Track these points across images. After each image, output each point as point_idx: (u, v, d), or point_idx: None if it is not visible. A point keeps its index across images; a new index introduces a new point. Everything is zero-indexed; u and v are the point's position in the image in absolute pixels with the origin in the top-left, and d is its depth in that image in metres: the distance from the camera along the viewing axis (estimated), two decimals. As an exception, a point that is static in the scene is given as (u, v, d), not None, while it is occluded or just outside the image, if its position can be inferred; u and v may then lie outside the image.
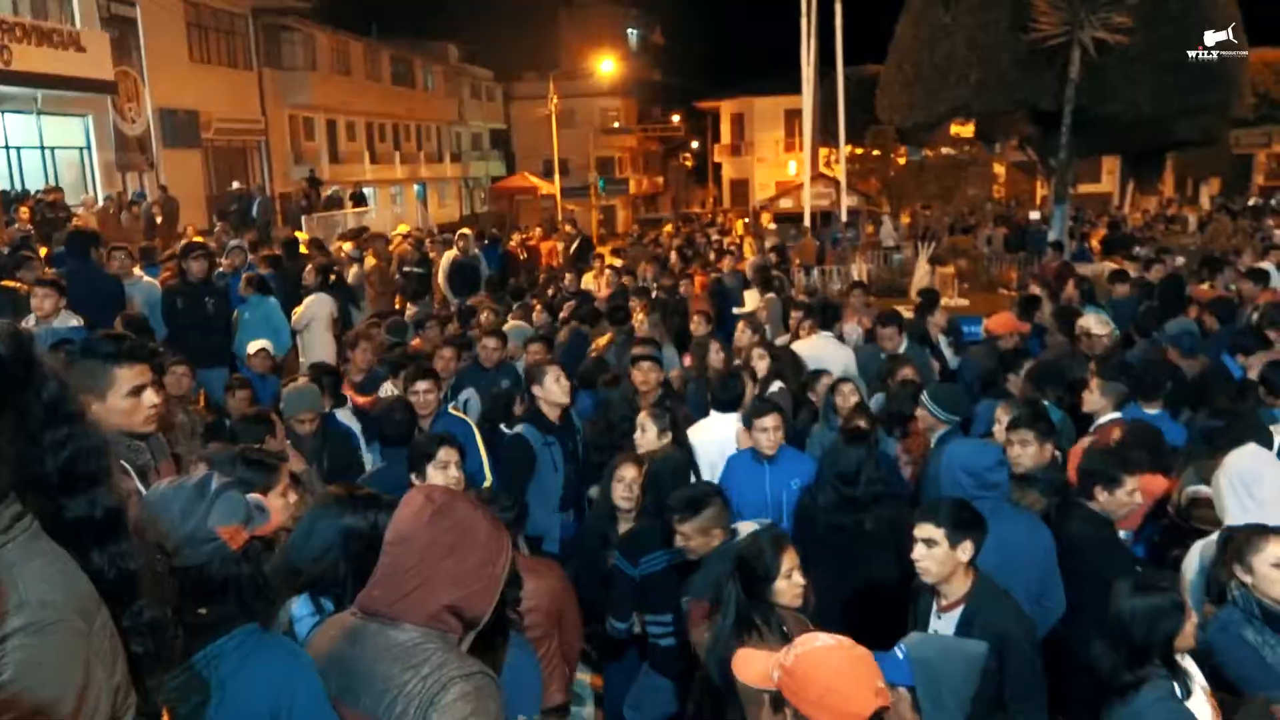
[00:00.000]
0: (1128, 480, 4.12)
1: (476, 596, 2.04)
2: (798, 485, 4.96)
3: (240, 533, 2.07)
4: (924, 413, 5.43)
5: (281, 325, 9.49)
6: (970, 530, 3.44)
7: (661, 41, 66.06)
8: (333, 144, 35.44)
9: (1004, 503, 4.11)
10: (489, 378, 7.42)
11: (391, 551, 2.04)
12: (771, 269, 13.12)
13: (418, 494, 2.12)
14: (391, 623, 2.00)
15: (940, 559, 3.44)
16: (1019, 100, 17.52)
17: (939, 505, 3.59)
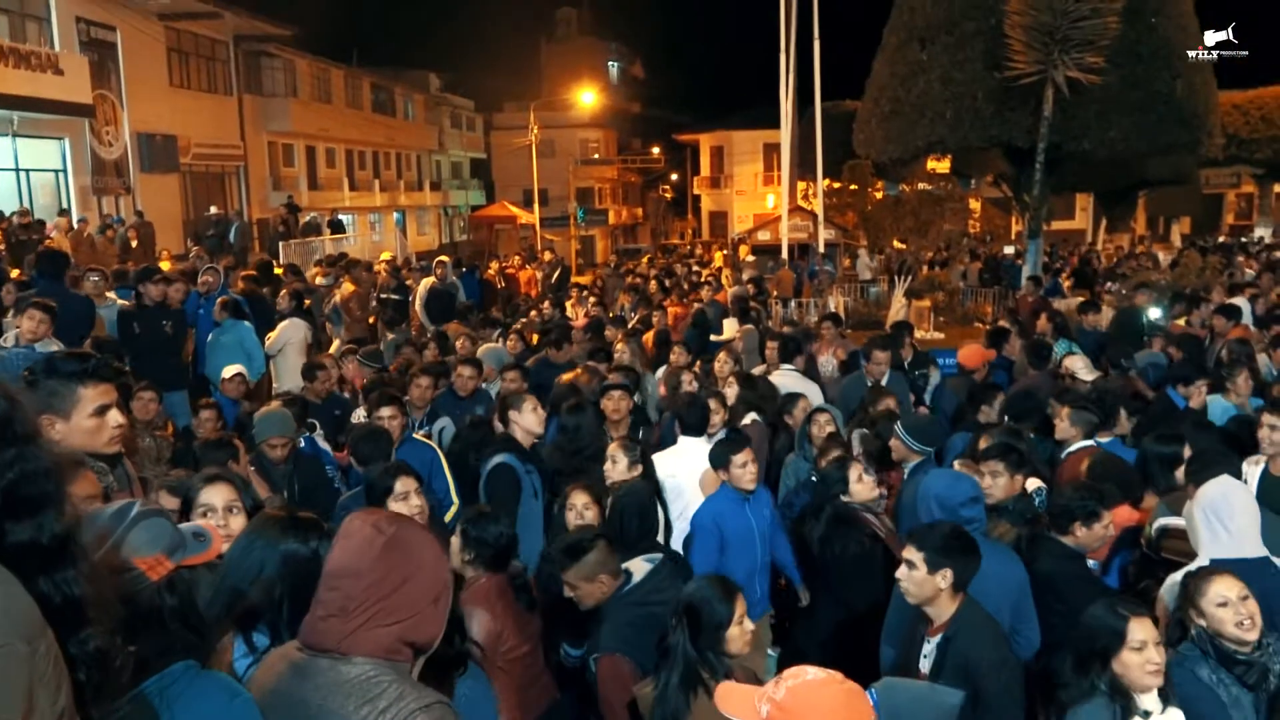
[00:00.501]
0: (1104, 515, 4.17)
1: (427, 622, 1.99)
2: (768, 515, 4.96)
3: (161, 563, 1.95)
4: (898, 444, 5.45)
5: (255, 350, 9.43)
6: (952, 558, 3.44)
7: (642, 74, 66.72)
8: (312, 171, 35.40)
9: (978, 535, 4.10)
10: (464, 406, 7.39)
11: (340, 585, 1.95)
12: (750, 300, 13.18)
13: (364, 524, 2.02)
14: (341, 657, 1.93)
15: (918, 582, 3.46)
16: (993, 137, 17.75)
17: (926, 530, 3.61)
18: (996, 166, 23.75)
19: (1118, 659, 3.04)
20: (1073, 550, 4.16)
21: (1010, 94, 16.73)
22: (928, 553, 3.44)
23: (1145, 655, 3.02)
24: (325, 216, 28.97)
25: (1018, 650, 4.02)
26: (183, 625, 1.97)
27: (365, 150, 40.36)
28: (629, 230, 61.84)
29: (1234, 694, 3.22)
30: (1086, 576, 4.18)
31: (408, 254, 27.82)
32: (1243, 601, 3.24)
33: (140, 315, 8.99)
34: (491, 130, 55.66)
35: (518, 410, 5.54)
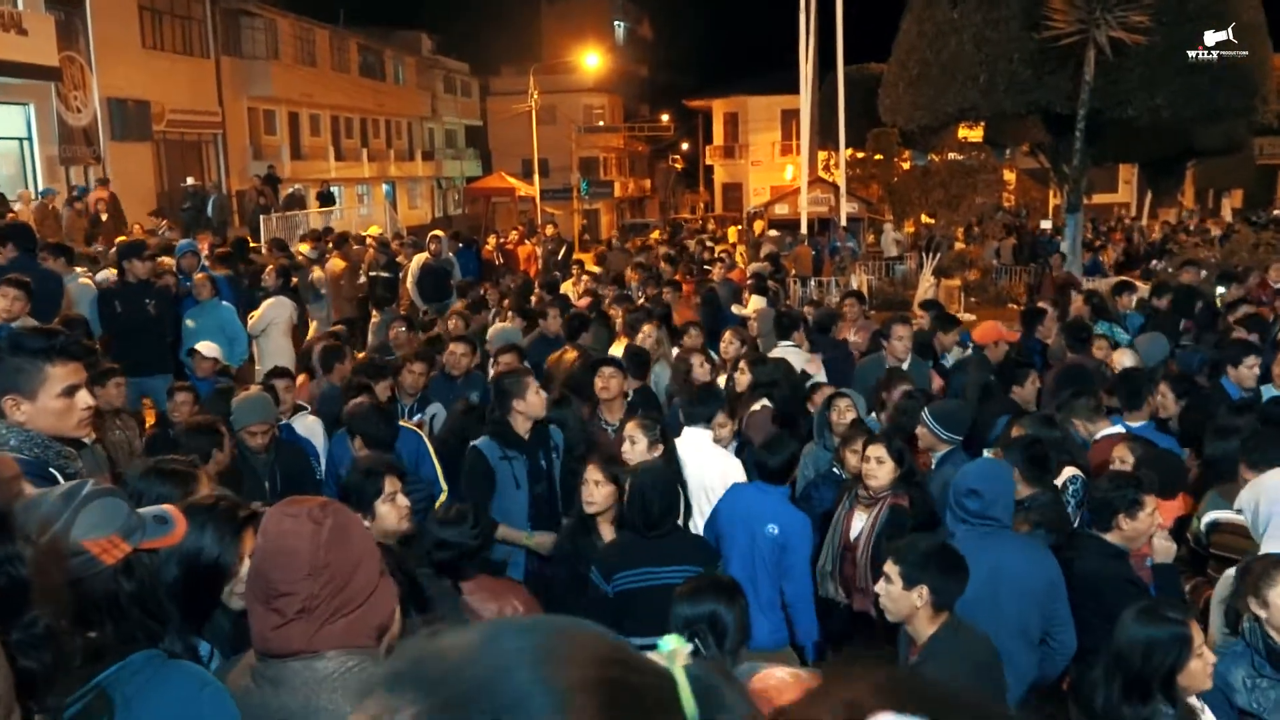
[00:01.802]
0: (1147, 501, 4.12)
1: (384, 598, 2.07)
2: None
3: (116, 546, 1.92)
4: (924, 431, 5.44)
5: (237, 332, 9.45)
6: (931, 574, 3.42)
7: (650, 35, 66.44)
8: (295, 139, 35.36)
9: (1003, 529, 4.10)
10: (456, 389, 7.40)
11: (295, 588, 1.98)
12: (768, 278, 13.18)
13: (298, 519, 2.03)
14: (312, 655, 2.00)
15: (894, 598, 3.46)
16: (1030, 103, 17.65)
17: (905, 543, 3.61)
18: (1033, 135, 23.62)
19: (1184, 670, 2.96)
20: (1115, 548, 4.13)
21: (1048, 56, 16.62)
22: (904, 567, 3.43)
23: (1205, 658, 2.99)
24: (310, 188, 28.96)
25: (1050, 657, 4.03)
26: (143, 612, 1.97)
27: (352, 117, 40.29)
28: (636, 204, 61.71)
29: (1276, 697, 3.21)
30: (1130, 578, 4.14)
31: (398, 228, 27.83)
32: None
33: (123, 293, 8.97)
34: (488, 96, 55.49)
35: (521, 398, 5.50)
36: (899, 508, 4.87)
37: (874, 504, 4.96)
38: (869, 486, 4.96)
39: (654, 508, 4.32)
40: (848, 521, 5.05)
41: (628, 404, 6.49)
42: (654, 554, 4.29)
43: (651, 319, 8.75)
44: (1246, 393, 6.50)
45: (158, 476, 3.12)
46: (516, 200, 43.57)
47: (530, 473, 5.41)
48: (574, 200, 47.62)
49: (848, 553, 5.03)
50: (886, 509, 4.90)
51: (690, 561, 4.29)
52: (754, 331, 9.85)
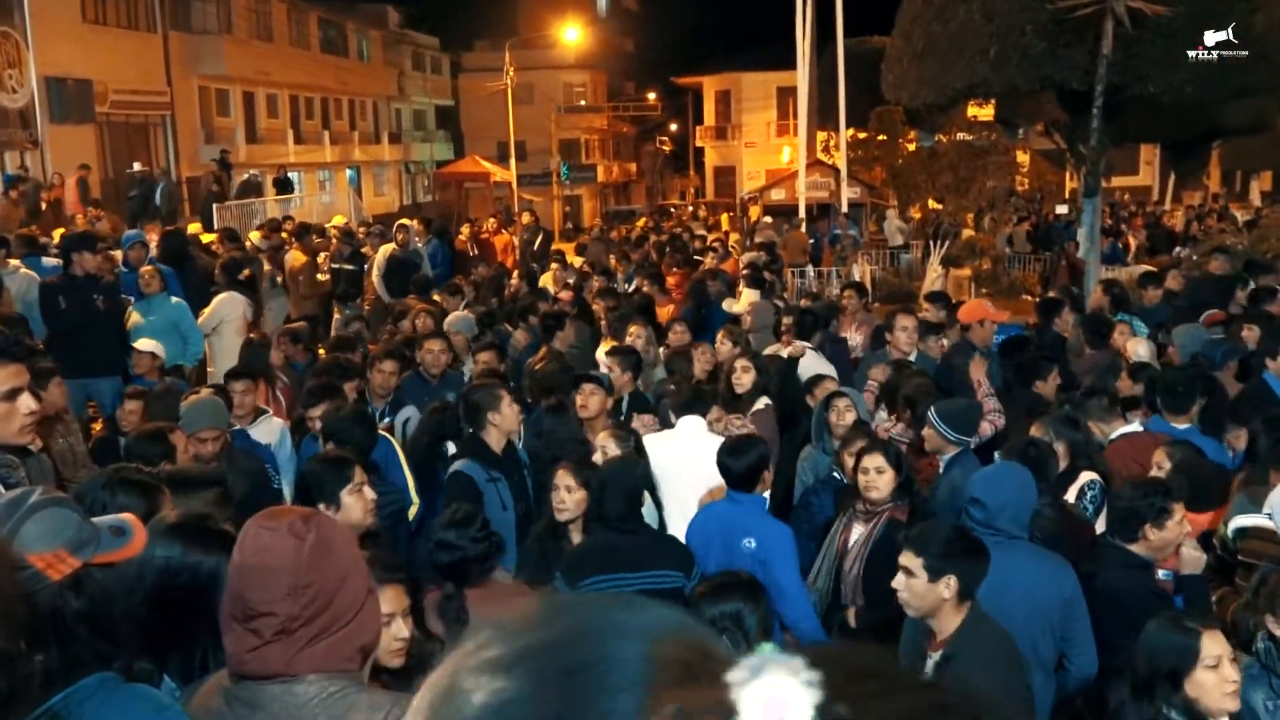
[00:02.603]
0: (1175, 509, 4.14)
1: (369, 617, 2.06)
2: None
3: (64, 560, 1.91)
4: (931, 433, 5.47)
5: (191, 331, 9.43)
6: (957, 563, 3.46)
7: (635, 7, 66.44)
8: (250, 121, 35.23)
9: (1012, 541, 4.09)
10: (433, 390, 7.40)
11: (274, 607, 1.98)
12: (763, 268, 13.23)
13: (276, 534, 2.03)
14: (292, 678, 1.99)
15: (919, 593, 3.49)
16: (1044, 78, 17.68)
17: (922, 531, 3.64)
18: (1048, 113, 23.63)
19: (1191, 680, 3.03)
20: (1140, 559, 4.15)
21: (1064, 28, 16.67)
22: (927, 558, 3.47)
23: (1222, 674, 3.02)
24: (267, 174, 28.88)
25: (1065, 678, 4.05)
26: (92, 632, 1.95)
27: (313, 97, 40.17)
28: (621, 189, 61.70)
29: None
30: (1156, 591, 4.17)
31: (363, 217, 27.78)
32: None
33: (68, 288, 8.92)
34: (460, 73, 55.37)
35: (496, 411, 5.53)
36: (897, 521, 4.89)
37: (872, 518, 4.97)
38: (870, 499, 4.94)
39: (617, 505, 4.36)
40: (845, 537, 5.05)
41: (626, 410, 6.54)
42: (624, 559, 4.30)
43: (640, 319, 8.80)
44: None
45: (121, 487, 3.12)
46: (491, 186, 43.50)
47: (513, 492, 5.44)
48: (554, 186, 47.61)
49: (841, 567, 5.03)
50: (884, 522, 4.90)
51: (665, 566, 4.31)
52: (747, 326, 9.89)
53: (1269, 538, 4.21)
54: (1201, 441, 5.65)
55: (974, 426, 5.60)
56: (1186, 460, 5.04)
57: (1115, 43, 16.15)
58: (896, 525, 4.86)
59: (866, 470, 4.92)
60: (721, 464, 4.88)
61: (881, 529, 4.89)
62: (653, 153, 65.21)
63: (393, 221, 17.85)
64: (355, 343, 8.89)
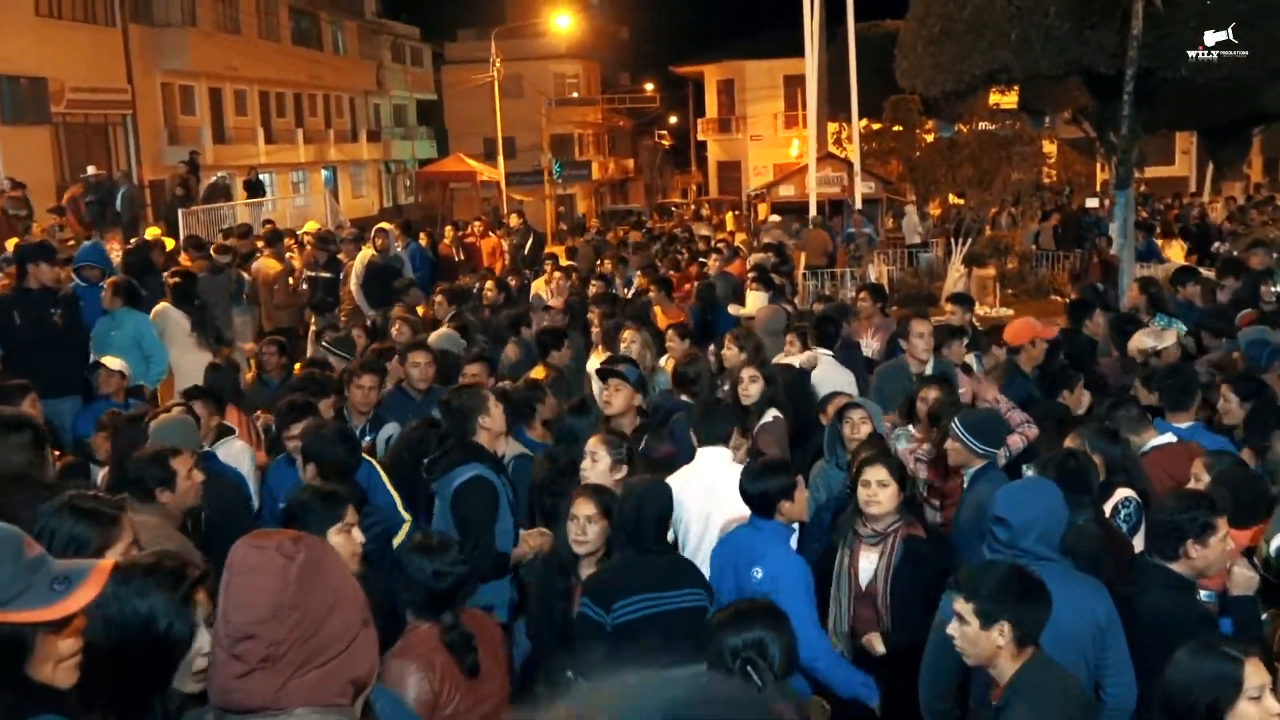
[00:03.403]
0: (1219, 524, 4.12)
1: (364, 649, 2.07)
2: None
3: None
4: (955, 445, 5.48)
5: (155, 348, 9.44)
6: (1009, 607, 3.46)
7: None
8: (218, 119, 35.30)
9: (1040, 563, 4.03)
10: (417, 408, 7.40)
11: (258, 631, 1.99)
12: (771, 270, 13.26)
13: (265, 552, 2.05)
14: (278, 712, 2.00)
15: (972, 640, 3.50)
16: (1069, 62, 17.74)
17: (974, 574, 3.63)
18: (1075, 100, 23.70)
19: (1233, 713, 3.01)
20: (1183, 579, 4.14)
21: (1090, 8, 16.74)
22: (979, 602, 3.47)
23: (1265, 706, 3.01)
24: (236, 176, 28.92)
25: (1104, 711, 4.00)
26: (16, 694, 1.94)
27: (284, 93, 40.24)
28: (617, 187, 61.85)
29: None
30: (1203, 614, 4.15)
31: (340, 220, 27.83)
32: None
33: (22, 301, 8.93)
34: (443, 65, 55.53)
35: (485, 414, 5.56)
36: (914, 538, 4.87)
37: (881, 539, 4.95)
38: (873, 516, 4.92)
39: (650, 521, 4.45)
40: (854, 567, 5.02)
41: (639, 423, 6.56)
42: (656, 578, 4.38)
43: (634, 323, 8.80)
44: None
45: (71, 514, 3.12)
46: (478, 186, 43.64)
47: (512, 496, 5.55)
48: (545, 185, 47.72)
49: (859, 604, 5.01)
50: (900, 543, 4.88)
51: (693, 584, 4.44)
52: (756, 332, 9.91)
53: (1316, 556, 4.22)
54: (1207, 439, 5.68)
55: (1001, 438, 5.61)
56: (1227, 472, 5.03)
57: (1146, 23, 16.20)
58: (914, 543, 4.87)
59: (868, 483, 4.91)
60: (740, 488, 4.92)
61: (900, 552, 4.88)
62: (651, 148, 65.33)
63: (372, 225, 17.89)
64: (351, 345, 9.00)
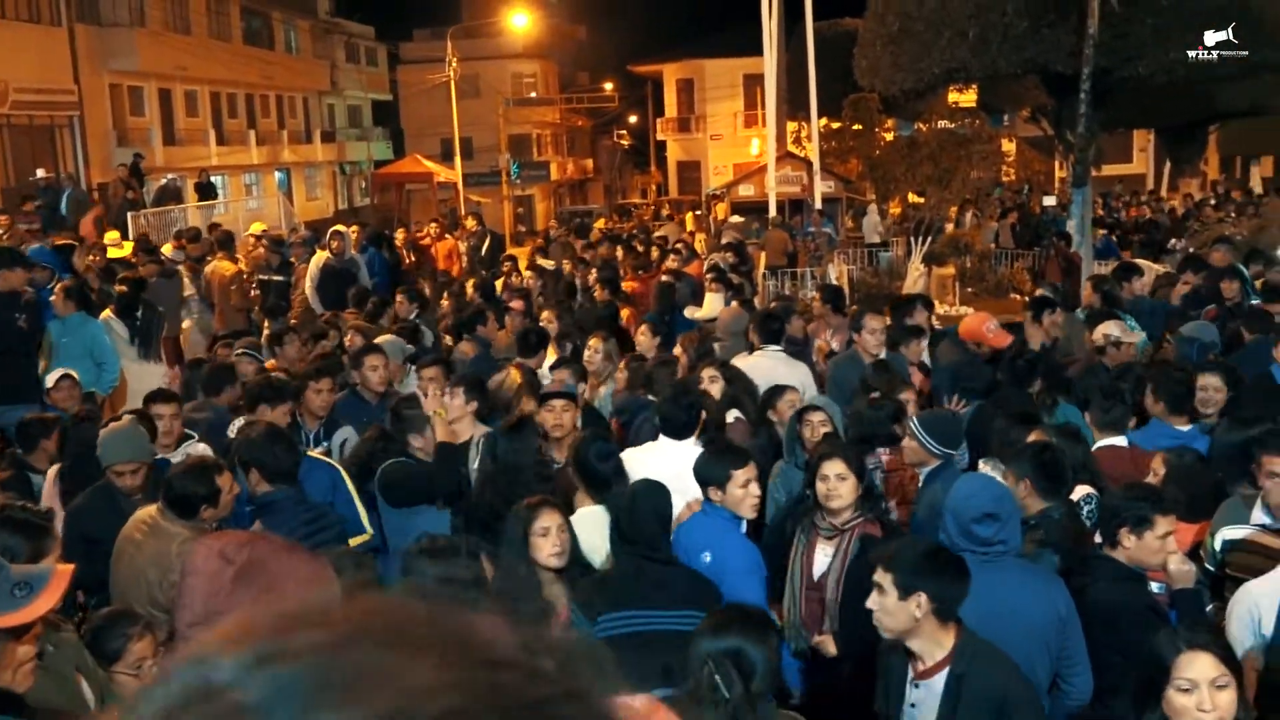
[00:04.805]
0: (1160, 521, 4.16)
1: None
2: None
3: None
4: (912, 444, 5.56)
5: (107, 354, 9.36)
6: (926, 579, 3.52)
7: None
8: (168, 120, 35.01)
9: (1006, 557, 4.16)
10: (371, 412, 7.40)
11: (191, 634, 1.98)
12: (728, 270, 13.31)
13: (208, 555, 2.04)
14: None
15: (890, 610, 3.56)
16: (1027, 61, 17.94)
17: (898, 546, 3.73)
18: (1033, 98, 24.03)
19: (1165, 699, 3.12)
20: (1133, 571, 4.21)
21: (1047, 6, 16.94)
22: (896, 574, 3.54)
23: (1195, 699, 3.07)
24: (187, 178, 28.67)
25: (1065, 701, 4.11)
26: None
27: (236, 93, 39.96)
28: (577, 187, 61.82)
29: None
30: (1152, 605, 4.23)
31: (295, 223, 27.65)
32: None
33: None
34: (398, 65, 55.29)
35: (419, 434, 5.66)
36: (870, 537, 4.91)
37: (838, 534, 4.97)
38: (831, 510, 4.95)
39: (649, 522, 4.47)
40: (809, 559, 5.07)
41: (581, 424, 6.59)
42: (651, 593, 4.33)
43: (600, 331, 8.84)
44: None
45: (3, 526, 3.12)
46: (436, 187, 43.46)
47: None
48: (504, 186, 47.61)
49: (809, 595, 5.05)
50: (856, 540, 4.91)
51: (692, 605, 4.27)
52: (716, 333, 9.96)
53: (1261, 552, 4.30)
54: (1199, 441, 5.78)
55: (958, 438, 5.69)
56: (1182, 468, 5.14)
57: (1102, 22, 16.42)
58: (871, 542, 4.88)
59: (826, 477, 4.91)
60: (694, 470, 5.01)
61: (855, 548, 4.90)
62: (610, 148, 65.35)
63: (327, 228, 17.80)
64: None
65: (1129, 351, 7.86)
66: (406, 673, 0.65)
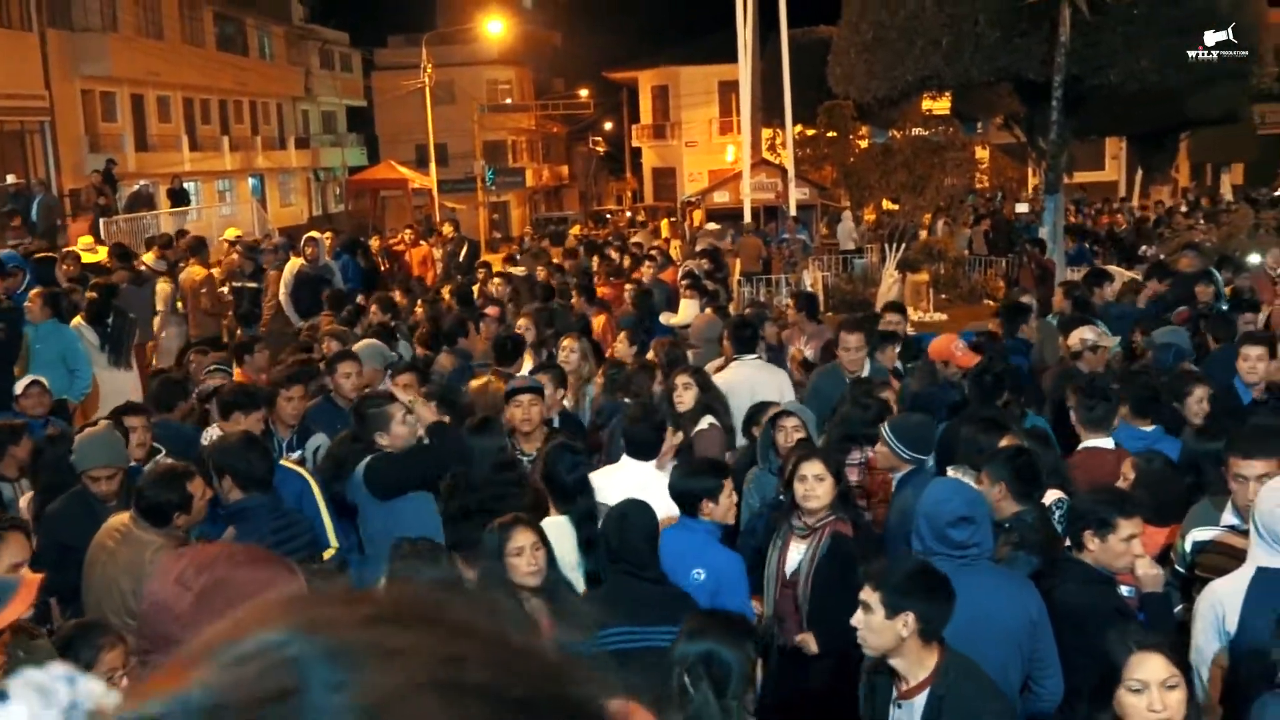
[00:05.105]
0: (1123, 524, 4.21)
1: None
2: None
3: None
4: (884, 450, 5.60)
5: (80, 361, 9.33)
6: (914, 599, 3.55)
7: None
8: (140, 126, 34.84)
9: (980, 561, 4.21)
10: (345, 418, 7.38)
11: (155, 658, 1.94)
12: (703, 277, 13.35)
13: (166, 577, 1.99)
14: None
15: (876, 629, 3.58)
16: (999, 69, 18.08)
17: (883, 565, 3.76)
18: (1006, 106, 24.19)
19: (1116, 699, 3.17)
20: (1101, 574, 4.26)
21: (1019, 15, 17.07)
22: (885, 593, 3.56)
23: (1146, 700, 3.12)
24: (160, 184, 28.53)
25: (1037, 703, 4.16)
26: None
27: (209, 99, 39.80)
28: (552, 194, 61.84)
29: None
30: (1119, 607, 4.27)
31: (269, 230, 27.56)
32: None
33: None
34: (373, 71, 55.17)
35: (384, 431, 5.60)
36: (841, 535, 4.98)
37: (811, 533, 5.04)
38: (808, 510, 5.01)
39: (639, 541, 4.51)
40: (783, 557, 5.14)
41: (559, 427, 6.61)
42: (642, 610, 4.35)
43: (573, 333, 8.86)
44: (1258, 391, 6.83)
45: None
46: (410, 194, 43.37)
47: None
48: (479, 192, 47.56)
49: (785, 590, 5.12)
50: (827, 537, 4.98)
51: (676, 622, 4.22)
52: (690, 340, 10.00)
53: (1228, 553, 4.36)
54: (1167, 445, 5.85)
55: (930, 443, 5.73)
56: (1152, 472, 5.20)
57: (1074, 30, 16.58)
58: (841, 540, 4.96)
59: (805, 478, 4.99)
60: (671, 486, 5.03)
61: (825, 545, 4.97)
62: (586, 154, 65.40)
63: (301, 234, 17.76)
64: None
65: (1104, 356, 7.94)
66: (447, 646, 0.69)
